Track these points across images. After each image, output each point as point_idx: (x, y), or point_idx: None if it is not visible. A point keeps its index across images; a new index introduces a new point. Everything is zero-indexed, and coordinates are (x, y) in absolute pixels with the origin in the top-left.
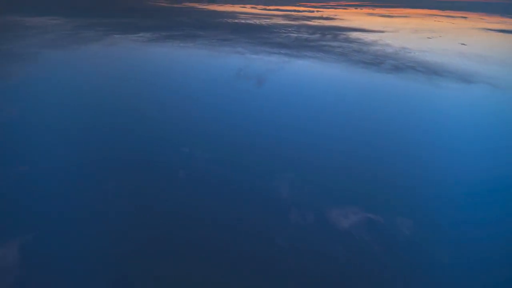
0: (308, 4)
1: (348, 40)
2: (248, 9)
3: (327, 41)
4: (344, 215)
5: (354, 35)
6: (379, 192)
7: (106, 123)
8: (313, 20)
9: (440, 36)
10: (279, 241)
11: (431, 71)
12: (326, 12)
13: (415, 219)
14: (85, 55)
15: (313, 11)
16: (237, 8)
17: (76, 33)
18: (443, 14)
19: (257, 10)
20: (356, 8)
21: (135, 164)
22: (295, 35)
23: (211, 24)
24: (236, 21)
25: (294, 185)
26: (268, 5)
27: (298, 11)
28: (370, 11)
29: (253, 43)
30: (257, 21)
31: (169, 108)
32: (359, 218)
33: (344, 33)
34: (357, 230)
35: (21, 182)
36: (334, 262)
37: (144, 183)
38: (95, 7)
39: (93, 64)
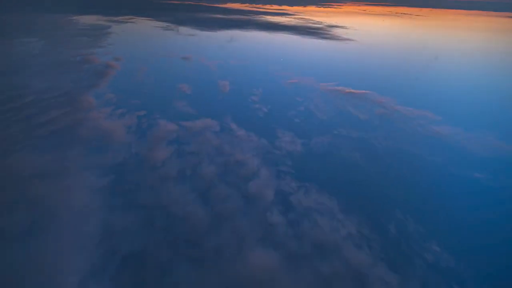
0: (328, 4)
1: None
2: (284, 7)
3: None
4: None
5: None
6: None
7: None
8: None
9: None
10: None
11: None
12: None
13: None
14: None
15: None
16: (275, 8)
17: (202, 28)
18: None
19: (291, 8)
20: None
21: None
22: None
23: (281, 19)
24: (298, 17)
25: None
26: (292, 5)
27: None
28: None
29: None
30: (310, 17)
31: None
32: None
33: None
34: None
35: None
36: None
37: None
38: (147, 7)
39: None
